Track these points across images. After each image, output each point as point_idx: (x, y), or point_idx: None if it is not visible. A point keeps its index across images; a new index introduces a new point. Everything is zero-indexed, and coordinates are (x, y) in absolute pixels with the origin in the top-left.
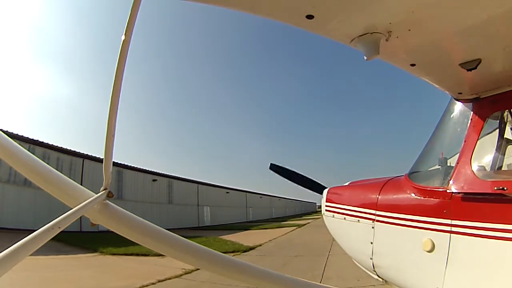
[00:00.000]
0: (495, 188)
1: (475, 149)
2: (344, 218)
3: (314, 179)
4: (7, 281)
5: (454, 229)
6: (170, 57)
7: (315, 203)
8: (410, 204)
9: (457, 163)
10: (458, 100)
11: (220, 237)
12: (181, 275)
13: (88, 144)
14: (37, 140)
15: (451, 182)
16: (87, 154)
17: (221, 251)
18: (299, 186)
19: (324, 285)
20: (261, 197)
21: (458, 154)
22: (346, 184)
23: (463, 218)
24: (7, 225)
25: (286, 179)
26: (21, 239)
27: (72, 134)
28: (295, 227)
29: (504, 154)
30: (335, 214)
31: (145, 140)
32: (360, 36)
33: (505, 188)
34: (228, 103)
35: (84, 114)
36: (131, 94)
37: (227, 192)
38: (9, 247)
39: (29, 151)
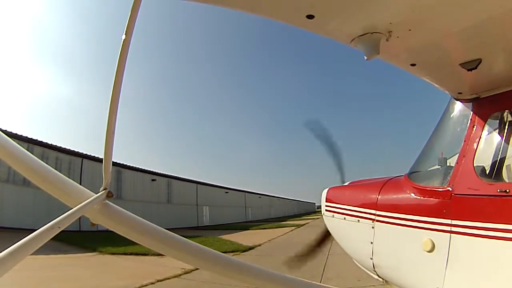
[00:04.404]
0: (498, 190)
1: (474, 149)
2: (344, 218)
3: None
4: (7, 281)
5: (454, 229)
6: (170, 57)
7: (314, 203)
8: (410, 204)
9: (457, 163)
10: (458, 100)
11: (220, 237)
12: (180, 274)
13: (88, 144)
14: (36, 140)
15: (450, 182)
16: (86, 154)
17: (221, 251)
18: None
19: (324, 285)
20: (260, 197)
21: (458, 154)
22: (346, 184)
23: (463, 218)
24: (6, 225)
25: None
26: (21, 239)
27: (71, 134)
28: (294, 227)
29: (504, 155)
30: (335, 214)
31: (145, 140)
32: (360, 36)
33: (507, 191)
34: (228, 102)
35: (84, 114)
36: (131, 93)
37: (226, 192)
38: (9, 247)
39: (27, 150)
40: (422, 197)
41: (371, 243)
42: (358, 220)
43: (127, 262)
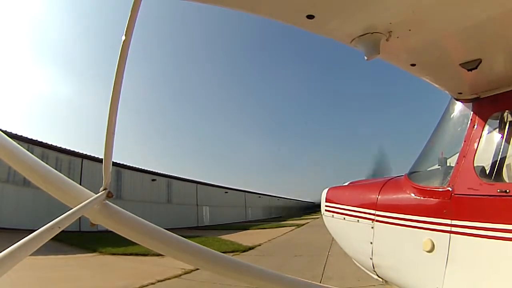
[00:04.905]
0: (498, 190)
1: (475, 149)
2: (344, 218)
3: None
4: (7, 281)
5: (454, 229)
6: (170, 57)
7: (314, 203)
8: (410, 204)
9: (457, 163)
10: (458, 100)
11: (219, 237)
12: (180, 275)
13: (88, 144)
14: (36, 140)
15: (451, 182)
16: (86, 154)
17: (221, 251)
18: None
19: (324, 285)
20: (260, 196)
21: (458, 154)
22: (346, 184)
23: (463, 218)
24: (6, 225)
25: None
26: (21, 239)
27: (71, 134)
28: (294, 227)
29: (504, 155)
30: (335, 214)
31: (145, 140)
32: (360, 36)
33: (507, 191)
34: (228, 102)
35: (84, 114)
36: (131, 94)
37: (226, 192)
38: (9, 247)
39: (28, 150)
40: (422, 197)
41: (371, 243)
42: (358, 220)
43: (127, 263)
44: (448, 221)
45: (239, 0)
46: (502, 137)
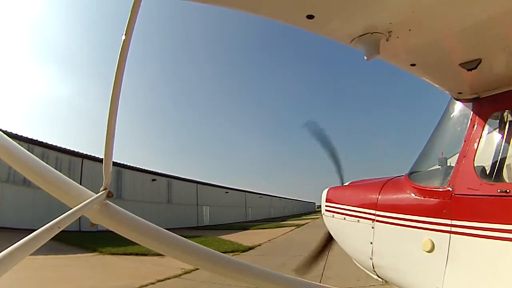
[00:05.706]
0: (498, 190)
1: (475, 149)
2: (344, 218)
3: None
4: (7, 281)
5: (454, 229)
6: (170, 57)
7: (314, 203)
8: (410, 204)
9: (457, 163)
10: (458, 99)
11: (220, 237)
12: (180, 275)
13: (88, 144)
14: (36, 140)
15: (451, 182)
16: (86, 154)
17: (221, 251)
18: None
19: (324, 285)
20: (260, 197)
21: (458, 154)
22: (346, 184)
23: (463, 218)
24: (6, 225)
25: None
26: (21, 239)
27: (72, 134)
28: (294, 227)
29: (505, 155)
30: (335, 214)
31: (145, 140)
32: (360, 36)
33: (507, 191)
34: (228, 102)
35: (84, 114)
36: (131, 94)
37: (226, 192)
38: (9, 247)
39: (28, 150)
40: (422, 197)
41: (371, 243)
42: (358, 220)
43: (127, 262)
44: (448, 221)
45: (239, 0)
46: (502, 137)
